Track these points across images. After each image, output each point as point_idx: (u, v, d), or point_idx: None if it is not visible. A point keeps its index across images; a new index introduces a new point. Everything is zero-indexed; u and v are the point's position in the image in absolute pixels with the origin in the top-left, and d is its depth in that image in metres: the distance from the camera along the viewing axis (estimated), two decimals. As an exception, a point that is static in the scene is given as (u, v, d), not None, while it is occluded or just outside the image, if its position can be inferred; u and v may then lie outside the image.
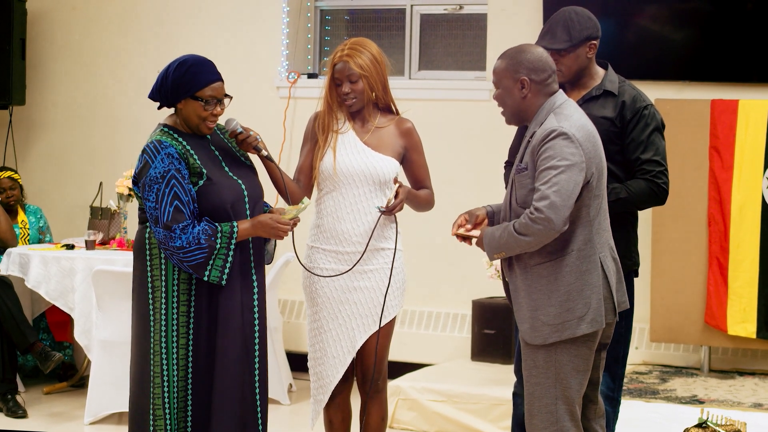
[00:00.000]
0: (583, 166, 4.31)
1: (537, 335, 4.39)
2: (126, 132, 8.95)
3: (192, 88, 4.71)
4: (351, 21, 8.89)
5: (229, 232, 4.64)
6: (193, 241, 4.60)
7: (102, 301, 7.03)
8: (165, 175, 4.62)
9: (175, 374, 4.72)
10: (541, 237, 4.29)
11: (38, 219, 8.28)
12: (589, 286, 4.38)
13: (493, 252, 4.43)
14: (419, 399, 6.96)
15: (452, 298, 8.22)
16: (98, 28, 9.10)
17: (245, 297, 4.79)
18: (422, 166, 5.26)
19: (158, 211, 4.62)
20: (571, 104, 4.46)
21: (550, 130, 4.32)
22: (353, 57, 5.10)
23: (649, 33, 7.74)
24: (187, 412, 4.76)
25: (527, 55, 4.43)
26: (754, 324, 7.28)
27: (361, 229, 5.10)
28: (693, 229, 7.40)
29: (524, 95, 4.42)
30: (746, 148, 7.28)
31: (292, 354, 8.05)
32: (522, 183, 4.40)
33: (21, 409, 7.28)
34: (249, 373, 4.80)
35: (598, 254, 4.40)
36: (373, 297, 5.13)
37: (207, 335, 4.73)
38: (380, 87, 5.15)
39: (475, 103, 8.16)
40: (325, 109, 5.18)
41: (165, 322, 4.71)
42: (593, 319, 4.37)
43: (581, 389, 4.44)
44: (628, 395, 6.70)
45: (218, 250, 4.62)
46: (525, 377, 4.47)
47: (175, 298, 4.71)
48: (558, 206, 4.25)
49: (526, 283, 4.42)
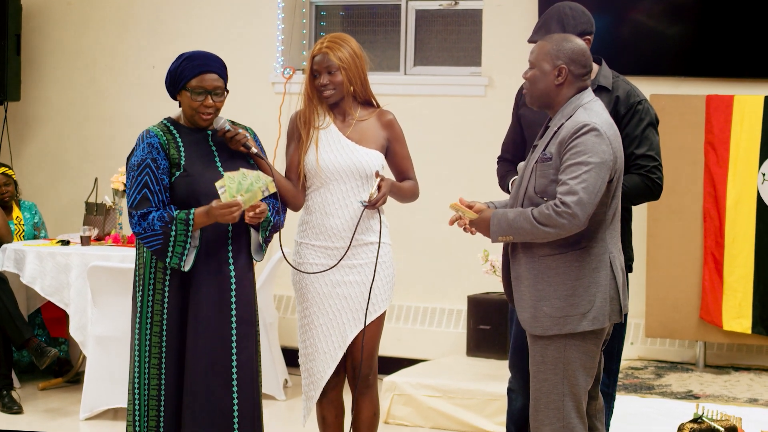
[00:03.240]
0: (611, 165, 4.32)
1: (537, 325, 4.39)
2: (121, 128, 8.94)
3: (182, 80, 4.80)
4: (346, 16, 8.89)
5: (185, 218, 4.69)
6: (148, 228, 4.70)
7: (97, 296, 7.03)
8: (141, 163, 4.75)
9: (147, 370, 4.77)
10: (563, 231, 4.28)
11: (33, 215, 8.27)
12: (595, 283, 4.38)
13: (501, 234, 4.40)
14: (414, 394, 6.97)
15: (447, 293, 8.22)
16: (94, 24, 9.09)
17: (220, 292, 4.81)
18: (405, 158, 5.25)
19: (128, 196, 4.76)
20: (599, 102, 4.47)
21: (583, 124, 4.31)
22: (333, 49, 5.10)
23: (644, 28, 7.74)
24: (160, 410, 4.79)
25: (572, 45, 4.43)
26: (749, 319, 7.29)
27: (349, 224, 5.10)
28: (688, 225, 7.40)
29: (559, 83, 4.41)
30: (741, 143, 7.28)
31: (288, 349, 8.04)
32: (544, 172, 4.38)
33: (16, 404, 7.27)
34: (225, 371, 4.80)
35: (608, 253, 4.41)
36: (363, 291, 5.13)
37: (178, 330, 4.78)
38: (359, 81, 5.13)
39: (471, 99, 8.16)
40: (306, 103, 5.18)
41: (144, 316, 4.79)
42: (595, 317, 4.37)
43: (588, 386, 4.45)
44: (624, 390, 6.71)
45: (175, 237, 4.68)
46: (532, 372, 4.46)
47: (151, 291, 4.80)
48: (585, 203, 4.25)
49: (532, 273, 4.41)
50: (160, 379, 4.78)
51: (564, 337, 4.38)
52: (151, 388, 4.78)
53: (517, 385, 5.14)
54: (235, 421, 4.81)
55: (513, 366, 5.16)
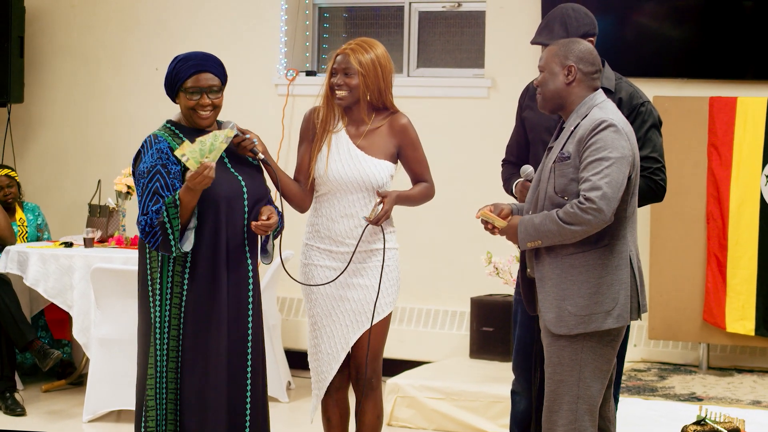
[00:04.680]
0: (630, 160, 4.35)
1: (562, 325, 4.39)
2: (124, 130, 8.94)
3: (178, 81, 4.79)
4: (349, 18, 8.89)
5: (172, 201, 4.63)
6: (147, 227, 4.66)
7: (100, 298, 7.03)
8: (151, 170, 4.69)
9: (164, 370, 4.75)
10: (590, 227, 4.28)
11: (36, 217, 8.28)
12: (618, 281, 4.39)
13: (529, 240, 4.40)
14: (418, 396, 6.96)
15: (451, 295, 8.21)
16: (97, 26, 9.09)
17: (239, 294, 4.81)
18: (419, 161, 5.24)
19: (140, 204, 4.70)
20: (612, 103, 4.50)
21: (600, 121, 4.34)
22: (356, 52, 5.07)
23: (648, 30, 7.74)
24: (177, 412, 4.77)
25: (579, 46, 4.48)
26: (752, 321, 7.28)
27: (354, 232, 5.10)
28: (691, 227, 7.40)
29: (569, 81, 4.44)
30: (745, 145, 7.28)
31: (291, 351, 8.05)
32: (563, 172, 4.39)
33: (20, 407, 7.28)
34: (242, 372, 4.80)
35: (629, 251, 4.42)
36: (367, 294, 5.13)
37: (194, 330, 4.75)
38: (376, 89, 5.09)
39: (474, 101, 8.16)
40: (324, 103, 5.16)
41: (160, 318, 4.75)
42: (620, 314, 4.39)
43: (602, 389, 4.46)
44: (627, 392, 6.70)
45: (170, 223, 4.62)
46: (548, 374, 4.46)
47: (168, 292, 4.75)
48: (609, 197, 4.26)
49: (555, 272, 4.41)
50: (177, 382, 4.76)
51: (582, 339, 4.38)
52: (169, 392, 4.76)
53: (521, 387, 5.14)
54: (247, 421, 4.82)
55: (517, 368, 5.16)
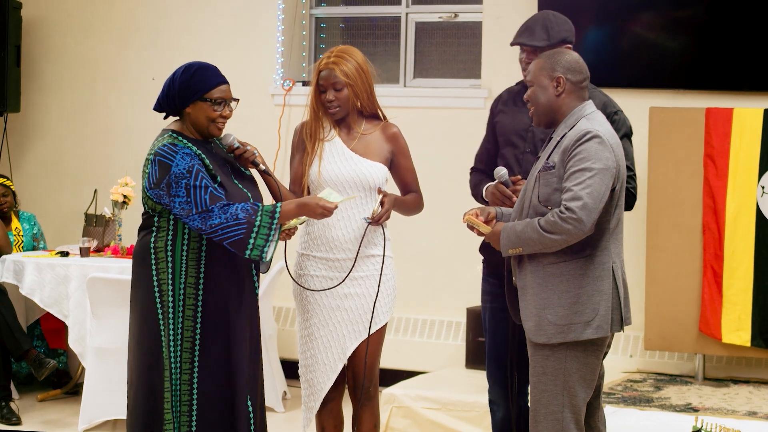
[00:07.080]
0: (614, 172, 4.36)
1: (542, 334, 4.41)
2: (121, 139, 8.94)
3: (200, 91, 4.74)
4: (346, 29, 8.90)
5: (271, 210, 4.66)
6: (230, 218, 4.61)
7: (96, 308, 7.03)
8: (191, 170, 4.65)
9: (178, 383, 4.74)
10: (570, 237, 4.30)
11: (32, 226, 8.27)
12: (599, 292, 4.40)
13: (511, 247, 4.43)
14: (413, 406, 6.96)
15: (446, 305, 8.21)
16: (93, 36, 9.10)
17: (251, 303, 4.84)
18: (410, 171, 5.27)
19: (192, 202, 4.62)
20: (600, 115, 4.52)
21: (585, 131, 4.36)
22: (339, 65, 5.09)
23: (644, 41, 7.75)
24: (192, 417, 4.77)
25: (565, 56, 4.50)
26: (748, 332, 7.28)
27: (351, 236, 5.10)
28: (687, 237, 7.40)
29: (558, 93, 4.46)
30: (741, 156, 7.28)
31: (287, 361, 8.04)
32: (548, 181, 4.42)
33: (15, 416, 7.27)
34: (253, 378, 4.83)
35: (611, 263, 4.42)
36: (364, 304, 5.14)
37: (213, 342, 4.75)
38: (365, 96, 5.14)
39: (470, 111, 8.17)
40: (312, 116, 5.19)
41: (173, 330, 4.73)
42: (599, 325, 4.39)
43: (587, 398, 4.47)
44: (623, 403, 6.70)
45: (258, 227, 4.62)
46: (532, 383, 4.48)
47: (181, 303, 4.73)
48: (590, 208, 4.28)
49: (536, 281, 4.43)
50: (192, 394, 4.75)
51: (565, 349, 4.40)
52: (183, 404, 4.75)
53: (497, 395, 5.21)
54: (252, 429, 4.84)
55: (490, 377, 5.23)
